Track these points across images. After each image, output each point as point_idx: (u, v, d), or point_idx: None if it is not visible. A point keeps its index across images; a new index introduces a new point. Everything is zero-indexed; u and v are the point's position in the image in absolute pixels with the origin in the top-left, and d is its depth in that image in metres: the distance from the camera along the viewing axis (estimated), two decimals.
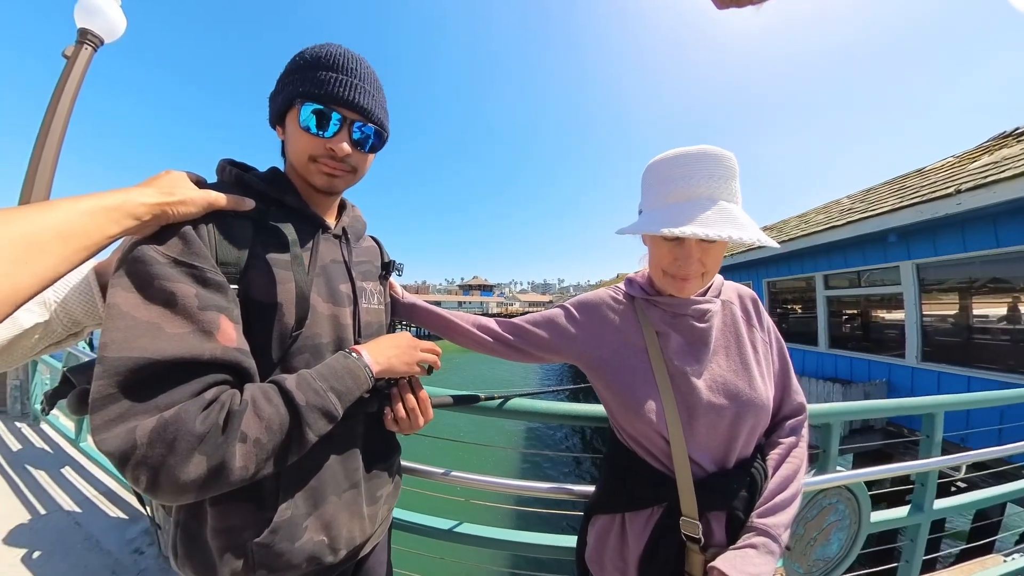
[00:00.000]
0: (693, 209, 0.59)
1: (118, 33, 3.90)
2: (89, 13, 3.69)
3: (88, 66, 3.84)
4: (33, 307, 0.51)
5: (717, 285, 0.77)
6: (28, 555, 1.66)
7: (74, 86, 3.78)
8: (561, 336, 0.78)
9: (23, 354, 0.52)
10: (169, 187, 0.48)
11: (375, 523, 0.70)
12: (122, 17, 3.86)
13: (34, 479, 2.29)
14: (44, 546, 1.73)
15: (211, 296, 0.48)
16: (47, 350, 0.55)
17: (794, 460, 0.68)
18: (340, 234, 0.71)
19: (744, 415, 0.65)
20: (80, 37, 3.71)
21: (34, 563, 1.62)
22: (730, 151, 0.61)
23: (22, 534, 1.80)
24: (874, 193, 6.75)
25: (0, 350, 0.49)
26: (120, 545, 1.77)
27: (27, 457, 2.60)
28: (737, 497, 0.63)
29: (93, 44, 3.80)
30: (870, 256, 5.59)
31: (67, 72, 3.74)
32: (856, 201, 6.88)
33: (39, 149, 3.71)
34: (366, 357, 0.60)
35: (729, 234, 0.55)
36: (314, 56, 0.60)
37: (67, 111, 3.81)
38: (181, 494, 0.41)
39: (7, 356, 0.50)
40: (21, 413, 3.39)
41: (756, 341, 0.75)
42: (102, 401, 0.40)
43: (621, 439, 0.74)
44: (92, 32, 3.74)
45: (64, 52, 3.74)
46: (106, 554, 1.72)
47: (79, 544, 1.76)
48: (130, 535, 1.84)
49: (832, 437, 1.28)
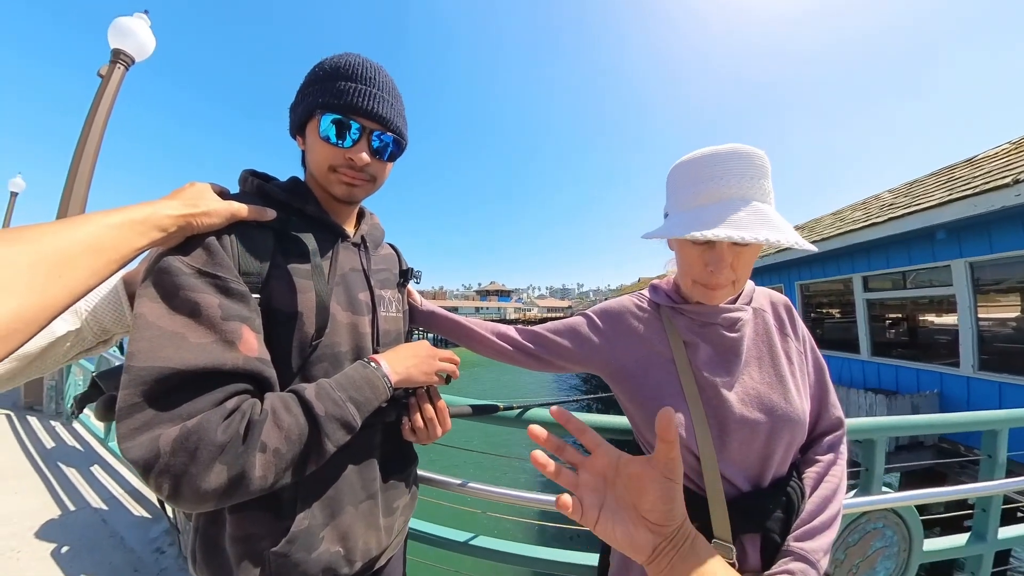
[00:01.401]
0: (724, 211, 0.57)
1: (148, 52, 4.19)
2: (122, 35, 3.99)
3: (121, 84, 4.13)
4: (66, 315, 0.55)
5: (748, 291, 0.75)
6: (57, 550, 1.77)
7: (108, 103, 4.07)
8: (583, 345, 0.77)
9: (56, 360, 0.56)
10: (193, 199, 0.51)
11: (391, 534, 0.70)
12: (151, 37, 4.16)
13: (65, 476, 2.45)
14: (72, 542, 1.83)
15: (234, 306, 0.50)
16: (78, 356, 0.59)
17: (833, 479, 0.65)
18: (359, 242, 0.73)
19: (779, 430, 0.62)
20: (113, 57, 4.02)
21: (62, 558, 1.73)
22: (760, 148, 0.59)
23: (52, 529, 1.92)
24: (919, 186, 6.38)
25: (35, 357, 0.52)
26: (143, 544, 1.86)
27: (59, 455, 2.79)
28: (772, 518, 0.60)
29: (125, 63, 4.10)
30: (916, 255, 5.28)
31: (102, 90, 4.03)
32: (898, 195, 6.53)
33: (76, 163, 4.00)
34: (385, 367, 0.61)
35: (766, 236, 0.53)
36: (333, 67, 0.62)
37: (102, 126, 4.10)
38: (202, 502, 0.42)
39: (41, 362, 0.54)
40: (55, 412, 3.63)
41: (790, 351, 0.71)
42: (128, 410, 0.41)
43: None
44: (125, 52, 4.04)
45: (99, 72, 4.04)
46: (129, 552, 1.81)
47: (105, 541, 1.86)
48: (152, 534, 1.93)
49: (876, 454, 1.20)
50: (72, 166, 3.96)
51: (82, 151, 3.96)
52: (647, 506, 0.40)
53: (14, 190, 10.42)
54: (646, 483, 0.40)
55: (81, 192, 3.96)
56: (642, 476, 0.41)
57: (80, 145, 3.98)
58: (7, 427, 3.25)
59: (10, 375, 0.51)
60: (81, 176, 3.95)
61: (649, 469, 0.41)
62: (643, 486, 0.40)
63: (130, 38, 3.99)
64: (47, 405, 3.70)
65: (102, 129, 4.08)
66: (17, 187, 10.44)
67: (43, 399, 3.73)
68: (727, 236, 0.53)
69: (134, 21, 3.98)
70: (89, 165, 4.01)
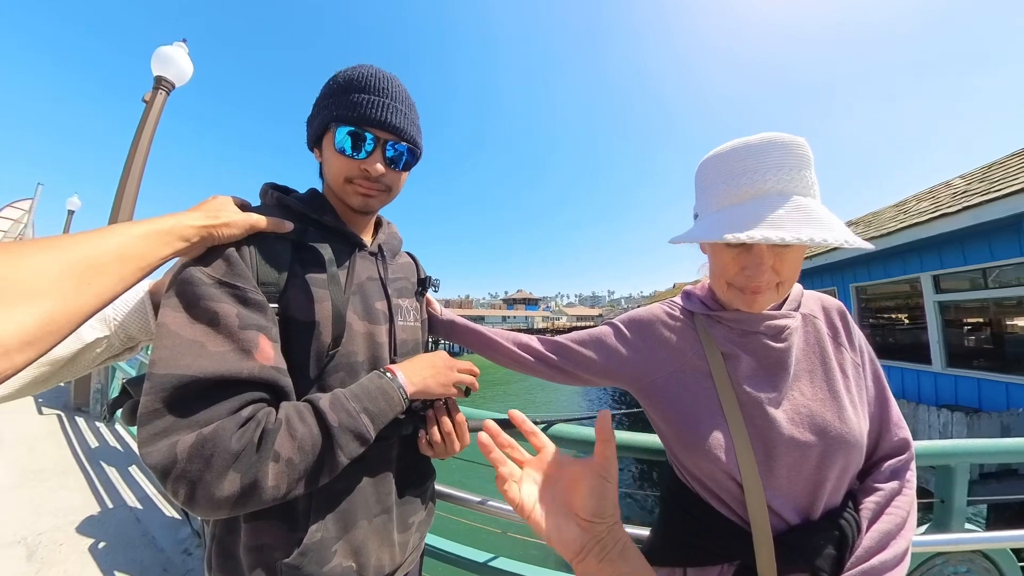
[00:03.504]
0: (761, 208, 0.53)
1: (187, 78, 4.61)
2: (163, 62, 4.43)
3: (163, 108, 4.54)
4: (95, 323, 0.60)
5: (796, 296, 0.70)
6: (95, 545, 1.93)
7: (152, 126, 4.49)
8: (610, 357, 0.74)
9: (86, 365, 0.61)
10: (215, 211, 0.54)
11: (406, 551, 0.70)
12: (190, 64, 4.57)
13: (106, 475, 2.67)
14: (108, 538, 1.99)
15: (251, 315, 0.52)
16: (107, 362, 0.64)
17: (897, 512, 0.58)
18: (376, 251, 0.75)
19: (833, 454, 0.57)
20: (156, 83, 4.44)
21: (99, 553, 1.88)
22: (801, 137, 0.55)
23: (91, 525, 2.10)
24: (998, 168, 5.76)
25: (66, 361, 0.57)
26: (172, 544, 1.99)
27: (102, 454, 3.05)
28: (823, 556, 0.54)
29: (167, 89, 4.52)
30: (999, 249, 4.75)
31: (146, 114, 4.46)
32: (972, 181, 5.91)
33: (123, 182, 4.42)
34: (400, 377, 0.61)
35: (810, 235, 0.48)
36: (347, 79, 0.64)
37: (147, 148, 4.53)
38: (216, 510, 0.44)
39: (72, 366, 0.59)
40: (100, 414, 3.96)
41: (845, 363, 0.66)
42: (148, 416, 0.44)
43: (682, 478, 0.68)
44: (166, 79, 4.47)
45: (144, 98, 4.47)
46: (159, 551, 1.93)
47: (137, 539, 2.01)
48: (181, 535, 2.06)
49: (955, 483, 1.07)
50: (120, 185, 4.39)
51: (129, 170, 4.38)
52: (579, 502, 0.43)
53: (71, 208, 11.66)
54: (581, 480, 0.45)
55: (128, 209, 4.37)
56: (579, 474, 0.45)
57: (127, 165, 4.40)
58: (58, 427, 3.59)
59: (43, 379, 0.56)
60: (128, 195, 4.37)
61: (587, 468, 0.45)
62: (578, 483, 0.45)
63: (171, 65, 4.41)
64: (92, 407, 4.06)
65: (147, 150, 4.51)
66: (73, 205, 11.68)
67: (90, 401, 4.09)
68: (764, 238, 0.49)
69: (174, 50, 4.40)
70: (135, 184, 4.42)
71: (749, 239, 0.50)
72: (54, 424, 3.65)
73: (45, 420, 3.75)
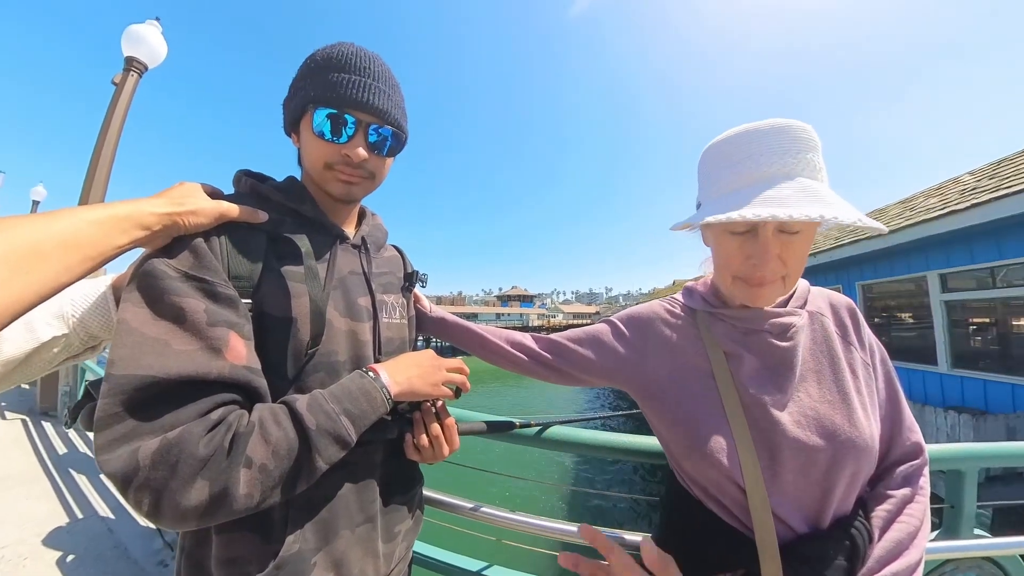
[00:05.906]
0: (766, 189, 0.52)
1: (160, 59, 4.49)
2: (134, 42, 4.30)
3: (135, 91, 4.43)
4: (52, 321, 0.57)
5: (802, 292, 0.69)
6: (63, 558, 1.88)
7: (123, 110, 4.38)
8: (606, 356, 0.74)
9: (42, 367, 0.58)
10: (180, 198, 0.52)
11: (391, 562, 0.69)
12: (163, 44, 4.44)
13: (75, 483, 2.61)
14: (78, 550, 1.95)
15: (221, 311, 0.50)
16: (66, 362, 0.61)
17: (910, 519, 0.58)
18: (359, 244, 0.73)
19: (843, 459, 0.57)
20: (127, 64, 4.32)
21: (67, 566, 1.83)
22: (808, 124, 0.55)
23: (60, 537, 2.05)
24: (1008, 165, 5.85)
25: (20, 363, 0.54)
26: (146, 555, 1.95)
27: (71, 461, 2.98)
28: (832, 566, 0.53)
29: (139, 70, 4.40)
30: (1009, 247, 4.82)
31: (116, 97, 4.34)
32: (981, 177, 6.01)
33: (92, 170, 4.32)
34: (384, 377, 0.60)
35: (820, 213, 0.47)
36: (325, 57, 0.62)
37: (117, 133, 4.42)
38: (183, 520, 0.42)
39: (26, 368, 0.56)
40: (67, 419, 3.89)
41: (855, 363, 0.65)
42: (106, 420, 0.42)
43: (683, 482, 0.68)
44: (137, 59, 4.35)
45: (113, 79, 4.35)
46: (133, 563, 1.90)
47: (109, 551, 1.97)
48: (156, 546, 2.03)
49: (965, 489, 1.08)
50: (88, 173, 4.28)
51: (98, 158, 4.27)
52: None
53: (36, 199, 11.40)
54: None
55: (98, 198, 4.27)
56: None
57: (96, 152, 4.30)
58: (22, 432, 3.51)
59: None
60: (98, 182, 4.26)
61: None
62: None
63: (143, 45, 4.28)
64: (60, 411, 3.98)
65: (117, 136, 4.40)
66: (39, 195, 11.41)
67: (57, 404, 4.02)
68: (771, 216, 0.48)
69: (146, 28, 4.27)
70: (105, 172, 4.32)
71: (756, 217, 0.49)
72: (18, 429, 3.57)
73: (9, 425, 3.67)
